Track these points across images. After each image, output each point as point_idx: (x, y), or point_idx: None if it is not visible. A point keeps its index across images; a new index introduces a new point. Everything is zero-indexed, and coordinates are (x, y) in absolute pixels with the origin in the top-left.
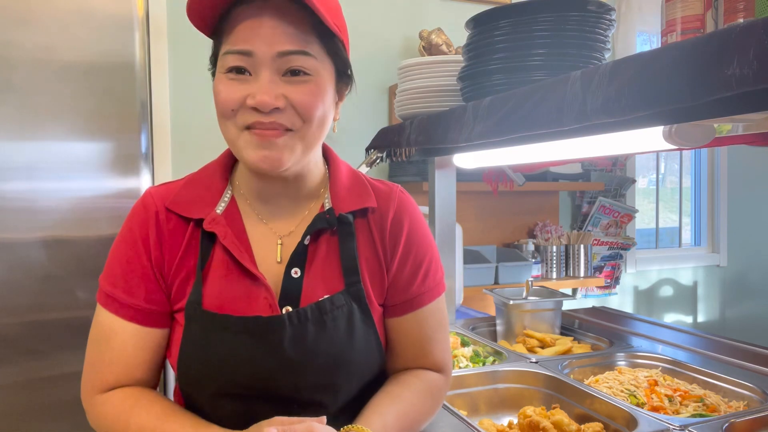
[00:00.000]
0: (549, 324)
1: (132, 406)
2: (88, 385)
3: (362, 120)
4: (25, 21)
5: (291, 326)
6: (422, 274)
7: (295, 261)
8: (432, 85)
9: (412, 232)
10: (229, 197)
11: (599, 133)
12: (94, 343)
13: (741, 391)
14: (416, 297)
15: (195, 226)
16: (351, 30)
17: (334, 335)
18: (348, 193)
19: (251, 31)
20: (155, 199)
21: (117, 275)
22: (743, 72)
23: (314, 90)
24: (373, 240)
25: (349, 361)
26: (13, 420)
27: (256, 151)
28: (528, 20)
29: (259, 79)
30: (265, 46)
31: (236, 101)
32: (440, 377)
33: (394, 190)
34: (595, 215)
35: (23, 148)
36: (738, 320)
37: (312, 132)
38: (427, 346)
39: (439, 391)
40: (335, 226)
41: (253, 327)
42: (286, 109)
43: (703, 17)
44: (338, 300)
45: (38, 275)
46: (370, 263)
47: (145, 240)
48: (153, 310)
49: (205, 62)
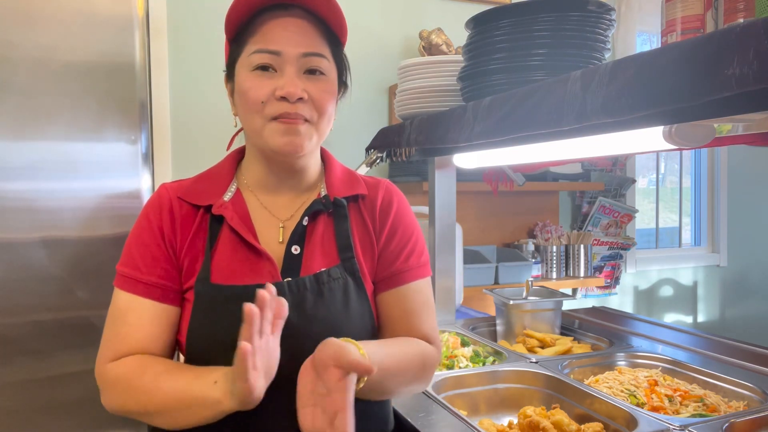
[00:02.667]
0: (549, 324)
1: (140, 366)
2: (101, 359)
3: (362, 120)
4: (25, 21)
5: (291, 294)
6: (407, 252)
7: (294, 239)
8: (432, 85)
9: (399, 214)
10: (236, 188)
11: (599, 133)
12: (110, 322)
13: (741, 391)
14: (401, 272)
15: (204, 212)
16: (351, 30)
17: (330, 304)
18: (341, 183)
19: (280, 33)
20: (169, 191)
21: (134, 257)
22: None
23: (328, 87)
24: (364, 222)
25: (344, 329)
26: (13, 420)
27: (283, 137)
28: (528, 20)
29: (285, 75)
30: (291, 47)
31: (266, 94)
32: (431, 347)
33: (382, 182)
34: (595, 215)
35: (23, 148)
36: (738, 320)
37: (323, 125)
38: (414, 319)
39: (431, 357)
40: (330, 209)
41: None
42: (308, 101)
43: (703, 17)
44: (335, 272)
45: (38, 275)
46: (362, 242)
47: (159, 225)
48: (167, 286)
49: (205, 62)
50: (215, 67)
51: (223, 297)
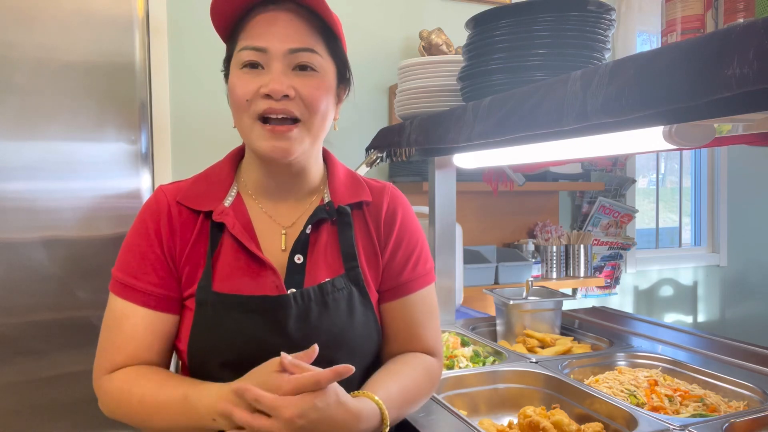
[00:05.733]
0: (549, 324)
1: (135, 378)
2: (98, 370)
3: (362, 120)
4: (25, 21)
5: (296, 305)
6: (413, 261)
7: (297, 248)
8: (432, 85)
9: (405, 223)
10: (235, 193)
11: (599, 133)
12: (105, 329)
13: (741, 391)
14: (407, 282)
15: (204, 218)
16: (351, 30)
17: (335, 314)
18: (345, 188)
19: (266, 29)
20: (166, 194)
21: (130, 264)
22: (743, 72)
23: (320, 84)
24: (368, 230)
25: (349, 339)
26: (12, 420)
27: (268, 141)
28: (528, 20)
29: (272, 71)
30: (278, 43)
31: (251, 92)
32: (434, 360)
33: (387, 187)
34: (595, 215)
35: (23, 148)
36: (738, 320)
37: (317, 124)
38: (418, 330)
39: (435, 372)
40: (334, 216)
41: (261, 305)
42: (295, 98)
43: (703, 17)
44: (339, 282)
45: (38, 275)
46: (366, 251)
47: (157, 231)
48: (164, 294)
49: (205, 62)
50: (215, 67)
51: (226, 306)
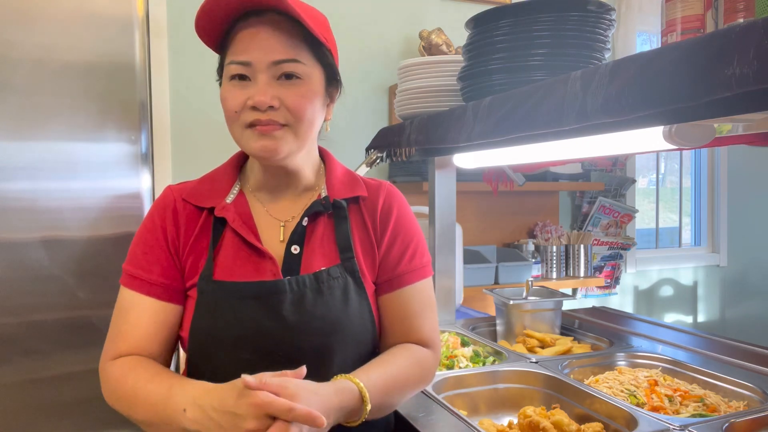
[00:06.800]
0: (549, 324)
1: (132, 367)
2: (104, 356)
3: (362, 120)
4: (25, 21)
5: (291, 291)
6: (409, 254)
7: (294, 239)
8: (432, 85)
9: (400, 218)
10: (238, 190)
11: (599, 133)
12: (114, 319)
13: (741, 391)
14: (404, 274)
15: (208, 214)
16: (351, 30)
17: (330, 302)
18: (342, 184)
19: (249, 43)
20: (174, 192)
21: (138, 257)
22: (743, 72)
23: (305, 92)
24: (365, 224)
25: (343, 327)
26: (12, 420)
27: (257, 142)
28: (528, 20)
29: (257, 84)
30: (261, 56)
31: (240, 104)
32: (428, 352)
33: (384, 184)
34: (595, 215)
35: (23, 148)
36: (738, 320)
37: (303, 128)
38: (415, 322)
39: (428, 363)
40: (330, 210)
41: (257, 291)
42: (280, 108)
43: (703, 17)
44: (334, 272)
45: (38, 275)
46: (363, 243)
47: (163, 225)
48: (168, 285)
49: (205, 63)
50: (215, 68)
51: (225, 293)
